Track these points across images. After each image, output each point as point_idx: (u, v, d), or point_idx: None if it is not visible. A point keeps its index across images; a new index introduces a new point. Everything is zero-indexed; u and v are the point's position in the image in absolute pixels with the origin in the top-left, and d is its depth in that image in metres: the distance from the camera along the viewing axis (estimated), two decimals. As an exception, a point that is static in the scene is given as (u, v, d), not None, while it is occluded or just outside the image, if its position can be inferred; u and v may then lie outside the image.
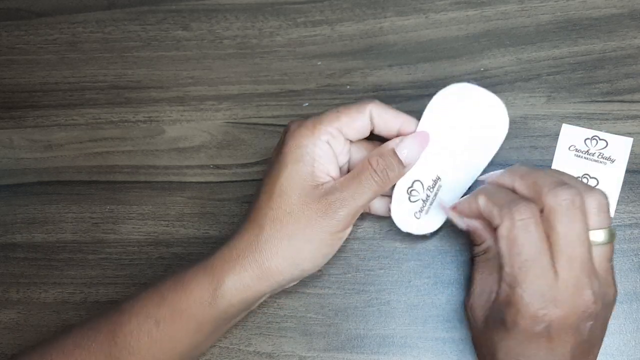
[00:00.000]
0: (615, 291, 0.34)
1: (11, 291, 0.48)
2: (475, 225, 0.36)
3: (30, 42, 0.52)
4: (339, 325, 0.44)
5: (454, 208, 0.37)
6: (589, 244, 0.32)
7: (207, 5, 0.50)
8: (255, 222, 0.36)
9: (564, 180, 0.33)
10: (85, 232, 0.49)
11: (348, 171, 0.39)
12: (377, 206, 0.41)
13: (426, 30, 0.47)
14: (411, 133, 0.38)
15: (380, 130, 0.38)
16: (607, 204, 0.33)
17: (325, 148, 0.36)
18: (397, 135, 0.38)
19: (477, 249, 0.37)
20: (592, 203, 0.32)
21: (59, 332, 0.39)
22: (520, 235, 0.31)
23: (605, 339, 0.41)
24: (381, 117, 0.37)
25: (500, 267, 0.33)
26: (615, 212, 0.43)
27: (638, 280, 0.42)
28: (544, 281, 0.31)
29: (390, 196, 0.40)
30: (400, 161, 0.37)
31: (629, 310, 0.42)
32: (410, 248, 0.44)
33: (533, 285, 0.31)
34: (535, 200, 0.32)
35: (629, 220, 0.43)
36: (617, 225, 0.43)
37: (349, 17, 0.48)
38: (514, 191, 0.34)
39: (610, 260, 0.33)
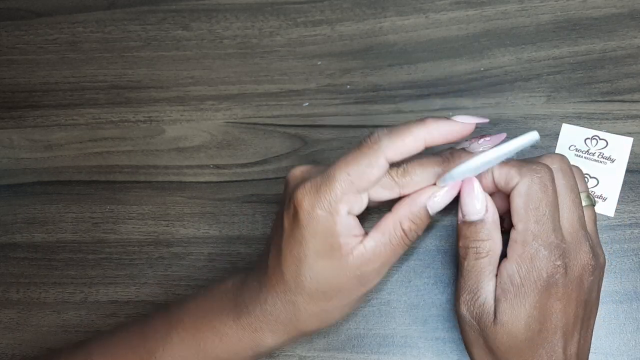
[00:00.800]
0: (604, 257, 0.36)
1: (11, 291, 0.48)
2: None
3: (30, 42, 0.52)
4: (339, 325, 0.44)
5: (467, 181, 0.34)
6: (581, 201, 0.34)
7: (207, 5, 0.50)
8: (287, 296, 0.34)
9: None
10: (85, 232, 0.49)
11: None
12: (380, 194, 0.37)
13: (426, 30, 0.47)
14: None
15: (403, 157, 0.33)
16: (583, 175, 0.36)
17: (346, 219, 0.33)
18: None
19: (482, 247, 0.35)
20: (574, 171, 0.35)
21: (72, 347, 0.39)
22: (539, 190, 0.32)
23: (605, 338, 0.41)
24: (398, 151, 0.32)
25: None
26: (615, 212, 0.43)
27: (638, 280, 0.42)
28: (556, 234, 0.32)
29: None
30: (429, 216, 0.34)
31: (629, 310, 0.42)
32: (411, 248, 0.44)
33: (548, 237, 0.32)
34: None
35: (629, 220, 0.43)
36: (617, 225, 0.43)
37: (349, 17, 0.48)
38: None
39: (596, 224, 0.36)
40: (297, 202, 0.33)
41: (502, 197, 0.35)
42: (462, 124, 0.32)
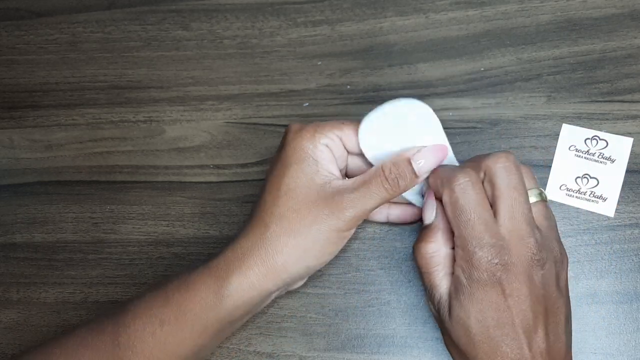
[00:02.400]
0: (564, 251, 0.36)
1: (11, 291, 0.48)
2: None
3: (30, 42, 0.52)
4: (339, 325, 0.44)
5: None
6: (527, 196, 0.35)
7: (207, 5, 0.50)
8: (260, 220, 0.36)
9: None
10: (85, 232, 0.49)
11: (345, 177, 0.39)
12: (377, 216, 0.42)
13: (426, 30, 0.47)
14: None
15: None
16: (532, 172, 0.37)
17: (325, 150, 0.37)
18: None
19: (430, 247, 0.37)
20: (522, 168, 0.36)
21: (61, 332, 0.39)
22: (460, 197, 0.34)
23: (605, 339, 0.41)
24: None
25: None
26: (615, 212, 0.43)
27: (638, 280, 0.42)
28: (490, 233, 0.33)
29: (395, 203, 0.41)
30: (413, 171, 0.36)
31: (629, 310, 0.42)
32: (410, 248, 0.44)
33: (481, 239, 0.33)
34: (476, 170, 0.35)
35: (629, 220, 0.43)
36: (617, 225, 0.43)
37: (349, 17, 0.48)
38: None
39: (549, 219, 0.36)
40: (289, 128, 0.38)
41: None
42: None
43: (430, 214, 0.37)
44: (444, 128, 0.45)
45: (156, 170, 0.49)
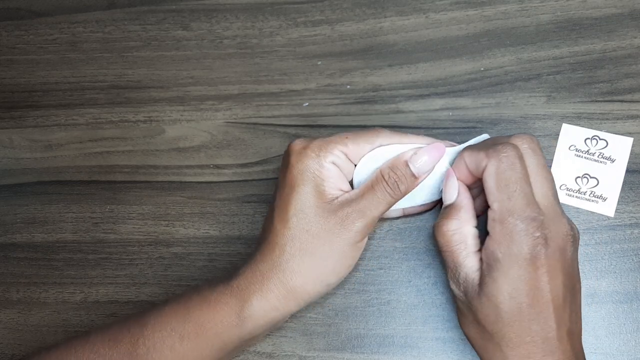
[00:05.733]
0: (577, 230, 0.36)
1: (11, 291, 0.48)
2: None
3: (30, 42, 0.52)
4: (339, 325, 0.44)
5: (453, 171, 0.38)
6: (553, 179, 0.35)
7: (207, 5, 0.50)
8: (274, 243, 0.36)
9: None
10: (85, 232, 0.49)
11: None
12: (392, 213, 0.42)
13: (426, 30, 0.47)
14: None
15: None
16: None
17: (332, 168, 0.37)
18: None
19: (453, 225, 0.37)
20: None
21: (74, 337, 0.39)
22: (507, 168, 0.34)
23: (605, 338, 0.41)
24: (392, 143, 0.38)
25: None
26: (615, 212, 0.43)
27: (638, 280, 0.42)
28: (532, 207, 0.33)
29: None
30: (412, 174, 0.37)
31: (629, 310, 0.42)
32: (410, 248, 0.44)
33: (524, 211, 0.33)
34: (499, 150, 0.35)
35: (629, 220, 0.43)
36: (617, 225, 0.43)
37: (349, 17, 0.48)
38: None
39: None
40: (291, 147, 0.38)
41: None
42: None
43: (453, 193, 0.36)
44: (444, 128, 0.45)
45: (156, 170, 0.49)
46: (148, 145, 0.49)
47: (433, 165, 0.37)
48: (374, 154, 0.38)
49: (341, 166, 0.37)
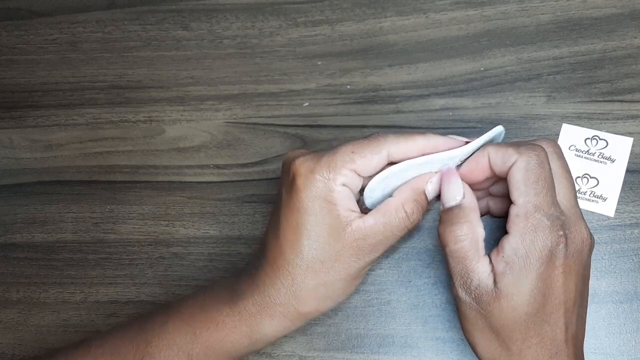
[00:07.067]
0: (593, 240, 0.36)
1: (11, 291, 0.48)
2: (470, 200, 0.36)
3: (30, 42, 0.52)
4: (339, 325, 0.44)
5: (461, 171, 0.36)
6: (574, 183, 0.35)
7: (207, 5, 0.50)
8: (284, 270, 0.35)
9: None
10: (85, 232, 0.49)
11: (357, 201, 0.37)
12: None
13: (426, 30, 0.47)
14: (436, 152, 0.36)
15: (400, 160, 0.36)
16: None
17: (342, 190, 0.35)
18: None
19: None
20: None
21: (72, 346, 0.39)
22: (537, 166, 0.33)
23: (605, 338, 0.41)
24: (399, 150, 0.35)
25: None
26: (615, 212, 0.43)
27: (638, 280, 0.42)
28: (555, 207, 0.33)
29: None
30: (427, 200, 0.36)
31: (629, 310, 0.42)
32: (410, 248, 0.44)
33: (549, 209, 0.33)
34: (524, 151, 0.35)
35: (629, 220, 0.43)
36: (617, 225, 0.43)
37: (349, 17, 0.48)
38: None
39: None
40: (296, 168, 0.35)
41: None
42: (455, 141, 0.35)
43: (458, 193, 0.35)
44: (444, 128, 0.45)
45: (156, 170, 0.49)
46: (148, 145, 0.49)
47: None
48: (386, 173, 0.35)
49: (351, 185, 0.35)
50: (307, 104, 0.48)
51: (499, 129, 0.37)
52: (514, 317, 0.33)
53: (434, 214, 0.44)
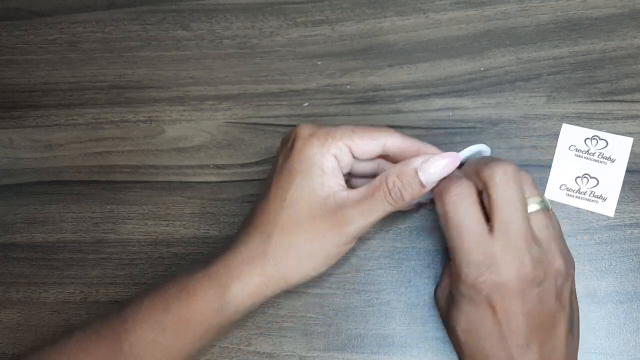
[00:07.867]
0: (569, 261, 0.35)
1: (11, 291, 0.48)
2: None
3: (30, 42, 0.52)
4: (339, 325, 0.44)
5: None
6: (525, 210, 0.33)
7: (207, 5, 0.50)
8: (261, 229, 0.36)
9: (499, 159, 0.35)
10: (85, 232, 0.49)
11: (346, 181, 0.38)
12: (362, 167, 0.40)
13: (426, 30, 0.47)
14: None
15: (396, 158, 0.37)
16: (535, 180, 0.36)
17: (332, 160, 0.36)
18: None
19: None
20: (523, 176, 0.34)
21: (58, 335, 0.39)
22: (452, 207, 0.33)
23: (605, 338, 0.41)
24: (397, 147, 0.36)
25: None
26: (615, 212, 0.43)
27: (638, 280, 0.42)
28: (480, 249, 0.32)
29: None
30: (421, 182, 0.35)
31: (629, 310, 0.42)
32: (411, 248, 0.44)
33: (469, 253, 0.32)
34: (475, 181, 0.34)
35: (629, 220, 0.43)
36: (617, 225, 0.43)
37: (349, 17, 0.48)
38: None
39: (551, 228, 0.35)
40: (297, 131, 0.37)
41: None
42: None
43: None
44: (444, 128, 0.45)
45: (156, 170, 0.49)
46: (148, 145, 0.49)
47: (444, 175, 0.35)
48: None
49: (341, 159, 0.36)
50: (307, 104, 0.48)
51: (481, 147, 0.37)
52: (458, 345, 0.35)
53: (434, 214, 0.44)
